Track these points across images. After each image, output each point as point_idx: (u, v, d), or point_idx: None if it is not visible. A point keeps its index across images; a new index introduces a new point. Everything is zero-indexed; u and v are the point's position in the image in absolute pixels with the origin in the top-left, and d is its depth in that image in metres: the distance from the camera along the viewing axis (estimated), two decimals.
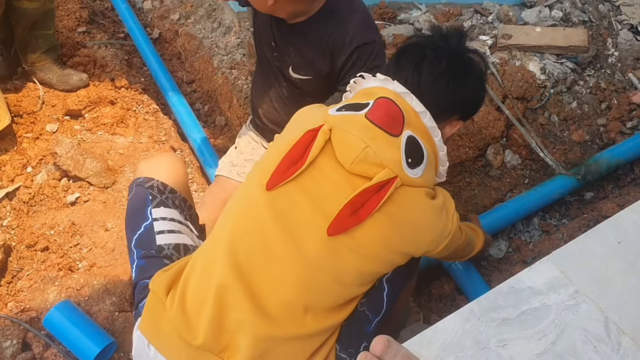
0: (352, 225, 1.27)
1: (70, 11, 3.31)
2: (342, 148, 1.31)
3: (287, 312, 1.30)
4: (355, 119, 1.35)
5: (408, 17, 2.89)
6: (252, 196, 1.38)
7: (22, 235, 2.13)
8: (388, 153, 1.30)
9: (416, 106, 1.38)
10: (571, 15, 2.66)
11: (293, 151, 1.33)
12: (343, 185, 1.29)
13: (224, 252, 1.34)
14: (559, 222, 2.37)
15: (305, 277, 1.30)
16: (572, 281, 1.15)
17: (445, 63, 1.44)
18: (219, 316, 1.30)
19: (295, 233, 1.30)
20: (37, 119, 2.61)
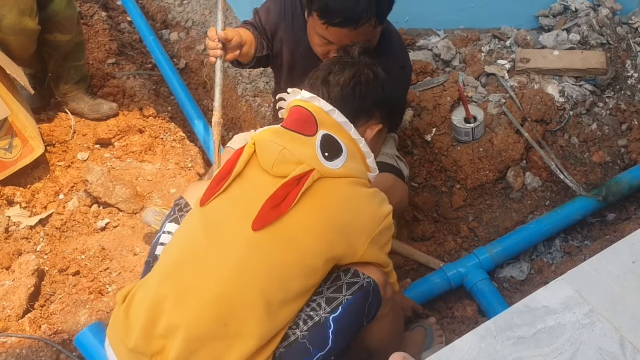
0: (275, 217, 1.36)
1: (100, 44, 3.45)
2: (263, 155, 1.44)
3: (215, 312, 1.35)
4: (272, 130, 1.52)
5: (426, 43, 2.95)
6: (191, 213, 1.53)
7: (55, 260, 2.21)
8: (303, 150, 1.43)
9: (324, 106, 1.51)
10: (589, 38, 2.68)
11: (223, 169, 1.49)
12: (268, 187, 1.39)
13: (162, 263, 1.47)
14: (581, 243, 2.37)
15: (234, 276, 1.36)
16: (587, 300, 1.17)
17: (348, 72, 1.57)
18: (151, 322, 1.38)
19: (222, 237, 1.39)
20: (69, 148, 2.72)
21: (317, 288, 1.46)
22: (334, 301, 1.43)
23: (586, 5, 2.77)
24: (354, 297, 1.43)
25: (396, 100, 1.69)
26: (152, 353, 1.37)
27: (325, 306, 1.42)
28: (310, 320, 1.41)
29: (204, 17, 3.56)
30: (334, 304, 1.42)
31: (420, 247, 2.37)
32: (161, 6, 3.84)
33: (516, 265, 2.32)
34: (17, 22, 2.43)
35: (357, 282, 1.45)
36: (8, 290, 2.02)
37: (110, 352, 1.46)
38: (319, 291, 1.45)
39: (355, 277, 1.46)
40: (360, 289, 1.44)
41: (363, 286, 1.45)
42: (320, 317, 1.41)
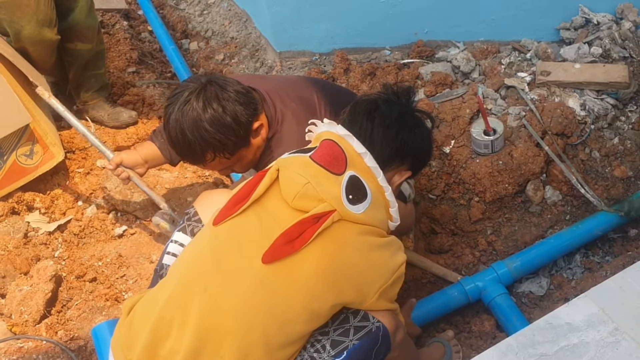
0: (287, 253, 1.30)
1: (121, 52, 3.48)
2: (286, 185, 1.39)
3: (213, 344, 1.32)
4: (300, 159, 1.45)
5: (446, 55, 2.94)
6: (203, 232, 1.49)
7: (72, 266, 2.23)
8: (328, 188, 1.37)
9: (357, 147, 1.45)
10: (611, 51, 2.65)
11: (241, 191, 1.44)
12: (285, 220, 1.35)
13: (169, 282, 1.43)
14: (602, 259, 2.33)
15: (237, 311, 1.32)
16: (612, 318, 1.15)
17: (396, 113, 1.54)
18: (155, 343, 1.36)
19: (230, 265, 1.35)
20: (88, 155, 2.74)
21: (324, 327, 1.41)
22: (339, 345, 1.38)
23: (608, 19, 2.74)
24: (361, 342, 1.38)
25: (429, 149, 1.68)
26: None
27: (330, 349, 1.37)
28: None
29: (224, 28, 3.59)
30: (339, 348, 1.37)
31: (438, 259, 2.35)
32: (181, 16, 3.88)
33: (535, 280, 2.29)
34: (36, 33, 2.46)
35: (366, 327, 1.40)
36: (26, 295, 2.03)
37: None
38: (325, 331, 1.40)
39: (365, 320, 1.41)
40: (368, 334, 1.39)
41: (372, 331, 1.40)
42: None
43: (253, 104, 1.78)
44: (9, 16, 2.39)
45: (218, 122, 1.69)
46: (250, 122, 1.76)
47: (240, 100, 1.73)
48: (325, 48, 3.10)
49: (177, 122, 1.70)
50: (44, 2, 2.42)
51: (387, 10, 2.93)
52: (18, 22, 2.41)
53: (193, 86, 1.72)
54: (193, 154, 1.76)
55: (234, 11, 3.60)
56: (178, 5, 3.97)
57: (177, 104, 1.70)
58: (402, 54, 3.04)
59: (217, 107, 1.69)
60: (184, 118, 1.68)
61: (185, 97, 1.70)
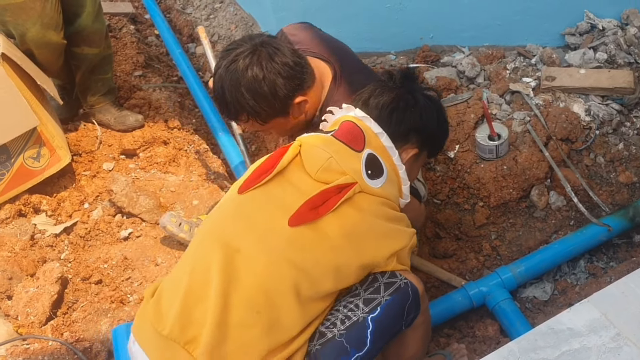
0: (312, 218, 1.38)
1: (127, 56, 3.50)
2: (309, 158, 1.48)
3: (248, 300, 1.35)
4: (322, 137, 1.57)
5: (451, 60, 2.95)
6: (225, 202, 1.54)
7: (78, 268, 2.24)
8: (350, 163, 1.48)
9: (374, 128, 1.57)
10: (616, 57, 2.65)
11: (265, 163, 1.52)
12: (308, 190, 1.43)
13: (195, 251, 1.47)
14: (607, 264, 2.33)
15: (269, 266, 1.37)
16: (614, 324, 1.15)
17: (387, 96, 1.64)
18: (188, 309, 1.37)
19: (258, 228, 1.41)
20: (95, 158, 2.76)
21: (354, 290, 1.46)
22: (372, 302, 1.42)
23: (614, 24, 2.74)
24: (393, 297, 1.43)
25: (435, 126, 1.72)
26: (186, 341, 1.35)
27: (364, 307, 1.41)
28: (348, 320, 1.40)
29: (230, 32, 3.60)
30: (372, 304, 1.42)
31: (442, 264, 2.35)
32: (188, 20, 3.90)
33: (539, 285, 2.29)
34: (41, 36, 2.47)
35: (395, 283, 1.45)
36: (32, 297, 2.05)
37: (136, 348, 1.43)
38: (355, 293, 1.45)
39: (393, 277, 1.47)
40: (398, 289, 1.45)
41: (401, 287, 1.45)
42: (358, 317, 1.40)
43: (298, 79, 1.77)
44: (14, 19, 2.41)
45: (255, 90, 1.71)
46: (289, 96, 1.76)
47: (284, 73, 1.73)
48: None
49: (220, 79, 1.73)
50: (50, 6, 2.44)
51: (392, 15, 2.94)
52: (23, 25, 2.43)
53: (245, 46, 1.73)
54: (228, 112, 1.80)
55: (240, 15, 3.62)
56: (185, 9, 4.00)
57: (225, 61, 1.73)
58: (407, 58, 3.05)
59: (258, 73, 1.70)
60: (226, 76, 1.71)
61: (234, 56, 1.72)
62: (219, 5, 3.80)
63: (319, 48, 1.97)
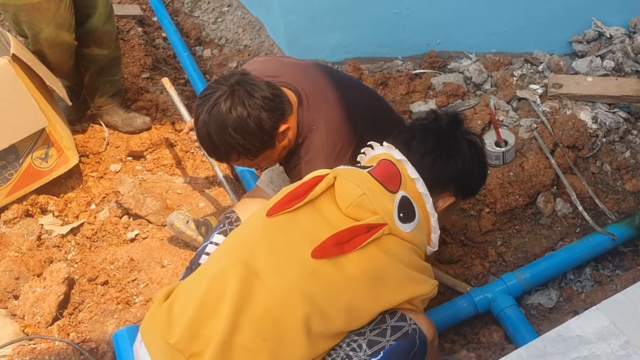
0: (336, 253, 1.36)
1: (135, 58, 3.52)
2: (342, 192, 1.46)
3: (257, 325, 1.34)
4: (358, 172, 1.54)
5: (458, 66, 2.95)
6: (252, 222, 1.54)
7: (85, 269, 2.25)
8: (382, 203, 1.44)
9: (411, 173, 1.54)
10: (624, 65, 2.66)
11: (297, 189, 1.50)
12: (337, 224, 1.41)
13: (216, 263, 1.47)
14: (613, 272, 2.33)
15: (284, 295, 1.35)
16: (623, 331, 1.15)
17: (431, 142, 1.60)
18: (199, 322, 1.36)
19: (280, 254, 1.40)
20: (102, 159, 2.77)
21: (360, 328, 1.43)
22: (376, 345, 1.38)
23: (621, 32, 2.75)
24: (398, 343, 1.39)
25: (475, 176, 1.71)
26: (191, 353, 1.35)
27: (367, 348, 1.37)
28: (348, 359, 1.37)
29: (237, 35, 3.62)
30: (375, 348, 1.38)
31: (447, 269, 2.35)
32: (196, 23, 3.92)
33: (545, 292, 2.29)
34: (54, 36, 2.49)
35: (403, 327, 1.41)
36: (39, 297, 2.06)
37: (143, 350, 1.43)
38: (361, 332, 1.41)
39: (402, 321, 1.42)
40: (405, 335, 1.40)
41: (409, 333, 1.41)
42: (359, 358, 1.36)
43: (279, 109, 1.81)
44: (29, 18, 2.43)
45: (242, 129, 1.73)
46: (275, 127, 1.80)
47: (266, 106, 1.76)
48: (338, 57, 3.13)
49: (205, 124, 1.75)
50: (64, 7, 2.46)
51: (399, 21, 2.95)
52: (37, 25, 2.45)
53: (222, 89, 1.75)
54: (218, 154, 1.83)
55: (248, 19, 3.63)
56: (192, 12, 4.01)
57: (206, 106, 1.75)
58: (414, 64, 3.06)
59: (242, 112, 1.72)
60: (210, 121, 1.73)
61: (214, 100, 1.73)
62: (227, 9, 3.82)
63: (284, 77, 1.98)
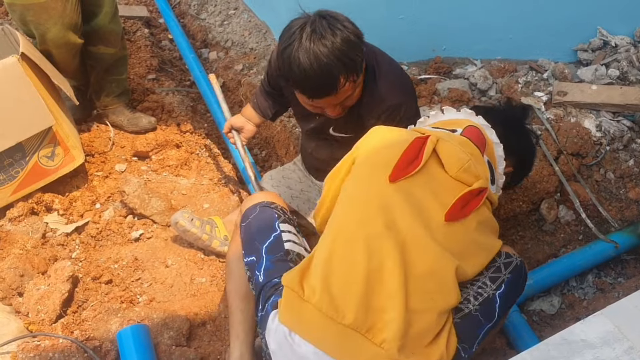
0: (462, 216, 1.52)
1: (141, 59, 3.53)
2: (450, 156, 1.58)
3: (427, 286, 1.44)
4: (455, 136, 1.66)
5: (463, 72, 2.97)
6: (375, 187, 1.56)
7: (89, 268, 2.25)
8: (481, 168, 1.61)
9: (494, 138, 1.71)
10: (628, 74, 2.67)
11: (407, 153, 1.57)
12: (452, 187, 1.55)
13: (359, 237, 1.47)
14: (615, 280, 2.33)
15: (437, 254, 1.46)
16: (627, 337, 1.16)
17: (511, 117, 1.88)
18: (368, 295, 1.41)
19: (423, 218, 1.49)
20: (107, 159, 2.78)
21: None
22: (497, 280, 1.58)
23: (626, 41, 2.77)
24: (512, 275, 1.60)
25: (531, 161, 1.99)
26: (367, 328, 1.39)
27: (491, 284, 1.57)
28: (480, 296, 1.54)
29: (244, 38, 3.64)
30: (497, 282, 1.58)
31: None
32: (202, 26, 3.93)
33: (547, 298, 2.30)
34: (61, 36, 2.50)
35: (512, 262, 1.63)
36: (43, 294, 2.06)
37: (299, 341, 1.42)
38: (480, 272, 1.59)
39: (509, 257, 1.63)
40: (515, 267, 1.62)
41: (517, 265, 1.63)
42: (488, 293, 1.55)
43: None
44: (36, 18, 2.44)
45: (348, 41, 1.73)
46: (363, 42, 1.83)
47: (351, 24, 1.79)
48: None
49: (309, 52, 1.70)
50: (71, 7, 2.47)
51: (406, 27, 2.96)
52: (44, 25, 2.46)
53: (303, 21, 1.75)
54: (329, 79, 1.74)
55: (254, 22, 3.65)
56: (199, 14, 4.03)
57: (301, 39, 1.71)
58: (420, 69, 3.07)
59: (342, 29, 1.74)
60: (315, 46, 1.69)
61: (310, 29, 1.71)
62: (233, 12, 3.84)
63: None
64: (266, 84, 2.31)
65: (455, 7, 2.88)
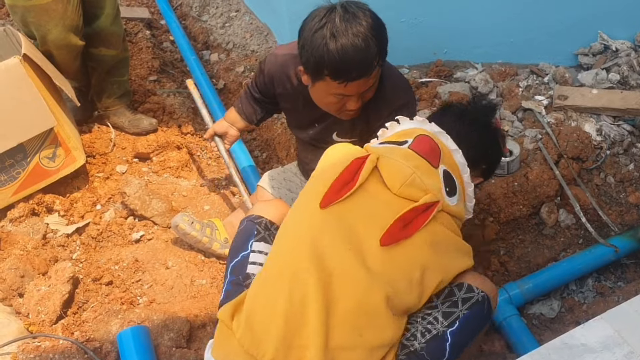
0: (403, 237, 1.41)
1: (143, 61, 3.54)
2: (391, 173, 1.49)
3: (352, 322, 1.36)
4: (399, 150, 1.56)
5: (464, 76, 2.97)
6: (306, 216, 1.50)
7: (89, 269, 2.26)
8: (430, 180, 1.49)
9: (450, 145, 1.60)
10: (629, 78, 2.68)
11: (343, 175, 1.49)
12: (394, 206, 1.45)
13: (284, 272, 1.43)
14: (615, 284, 2.34)
15: (368, 286, 1.37)
16: (627, 341, 1.16)
17: (482, 121, 1.74)
18: (288, 334, 1.36)
19: (351, 247, 1.41)
20: (108, 160, 2.78)
21: (431, 303, 1.51)
22: (450, 315, 1.47)
23: (627, 46, 2.77)
24: (470, 311, 1.48)
25: (496, 161, 1.84)
26: None
27: (443, 320, 1.46)
28: (429, 333, 1.44)
29: (245, 40, 3.64)
30: (451, 318, 1.47)
31: None
32: (203, 27, 3.94)
33: (547, 302, 2.30)
34: (62, 38, 2.51)
35: (472, 297, 1.50)
36: (44, 295, 2.06)
37: None
38: (433, 306, 1.49)
39: (470, 292, 1.51)
40: (476, 303, 1.50)
41: (478, 301, 1.50)
42: (438, 330, 1.45)
43: None
44: (37, 20, 2.45)
45: (379, 22, 1.74)
46: None
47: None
48: None
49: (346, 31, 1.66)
50: (72, 9, 2.48)
51: (407, 30, 2.97)
52: (45, 26, 2.46)
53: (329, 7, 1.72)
54: (368, 58, 1.70)
55: (256, 25, 3.66)
56: (200, 16, 4.04)
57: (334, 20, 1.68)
58: (421, 72, 3.08)
59: (370, 12, 1.74)
60: (351, 25, 1.67)
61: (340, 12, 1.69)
62: (235, 14, 3.84)
63: None
64: (254, 90, 2.28)
65: (457, 11, 2.89)
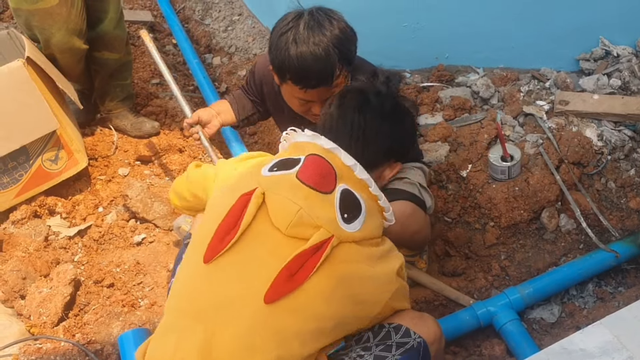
0: (289, 290, 1.26)
1: (145, 64, 3.55)
2: (277, 212, 1.33)
3: None
4: (286, 180, 1.38)
5: (465, 80, 2.98)
6: (191, 270, 1.39)
7: (91, 271, 2.27)
8: (322, 212, 1.32)
9: (346, 160, 1.41)
10: (630, 84, 2.68)
11: (228, 218, 1.35)
12: (280, 250, 1.30)
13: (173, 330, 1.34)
14: (615, 289, 2.34)
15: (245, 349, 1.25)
16: (626, 347, 1.17)
17: (388, 107, 1.54)
18: None
19: (232, 307, 1.28)
20: (111, 163, 2.79)
21: (366, 343, 1.40)
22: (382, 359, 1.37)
23: (628, 51, 2.77)
24: (404, 357, 1.38)
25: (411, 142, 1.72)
26: None
27: None
28: None
29: (247, 44, 3.66)
30: None
31: (451, 282, 2.36)
32: (206, 31, 3.95)
33: (547, 307, 2.30)
34: (65, 41, 2.52)
35: (408, 343, 1.39)
36: (45, 297, 2.07)
37: None
38: (367, 346, 1.39)
39: (406, 337, 1.40)
40: (410, 350, 1.39)
41: (414, 347, 1.40)
42: None
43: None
44: (41, 24, 2.46)
45: (345, 32, 1.76)
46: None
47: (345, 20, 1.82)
48: None
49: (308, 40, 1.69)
50: (76, 12, 2.49)
51: (409, 34, 2.98)
52: (49, 30, 2.47)
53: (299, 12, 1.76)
54: (327, 67, 1.73)
55: (258, 29, 3.67)
56: (203, 20, 4.05)
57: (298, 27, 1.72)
58: (422, 77, 3.08)
59: (339, 20, 1.77)
60: (314, 34, 1.70)
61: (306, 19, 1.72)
62: (237, 18, 3.86)
63: None
64: (246, 89, 2.33)
65: (458, 16, 2.90)
